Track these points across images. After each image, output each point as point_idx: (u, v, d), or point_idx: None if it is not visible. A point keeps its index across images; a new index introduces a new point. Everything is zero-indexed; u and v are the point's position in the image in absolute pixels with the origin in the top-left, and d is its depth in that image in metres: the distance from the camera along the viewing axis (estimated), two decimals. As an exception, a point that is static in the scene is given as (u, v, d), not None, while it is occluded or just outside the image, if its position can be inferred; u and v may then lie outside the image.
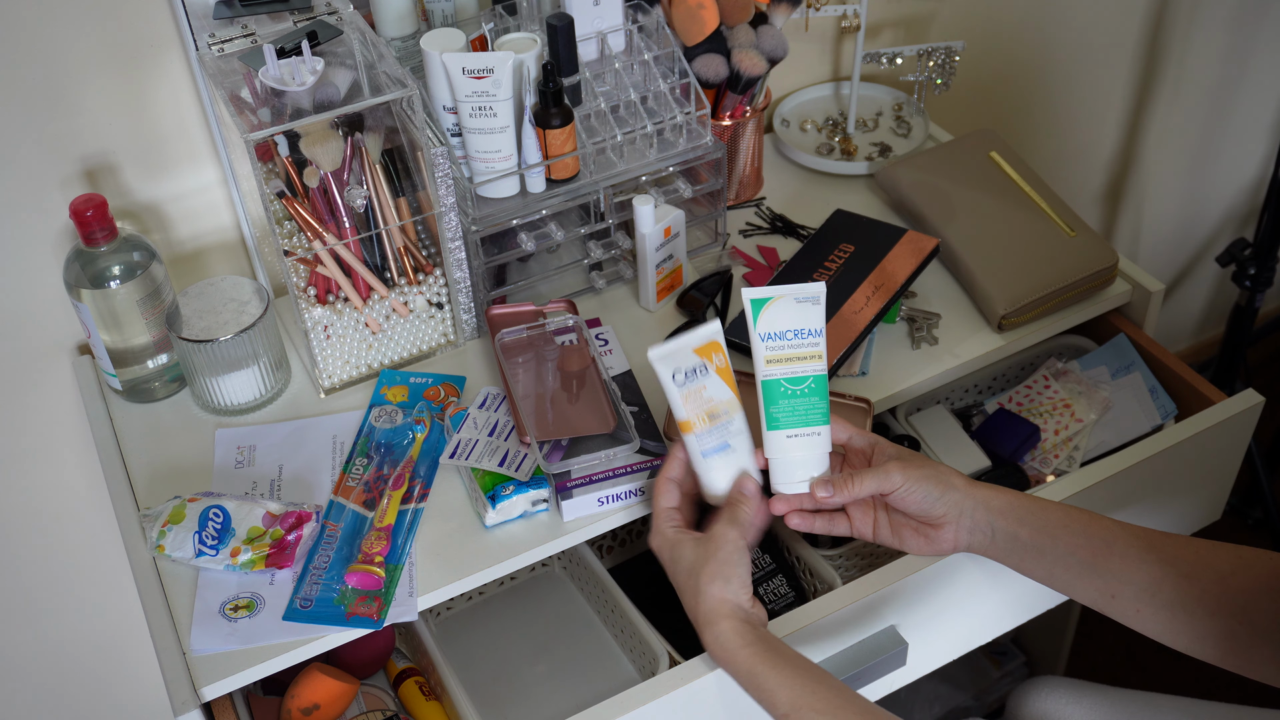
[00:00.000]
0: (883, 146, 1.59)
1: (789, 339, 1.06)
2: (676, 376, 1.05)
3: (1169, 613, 1.00)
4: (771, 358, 1.06)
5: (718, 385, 1.06)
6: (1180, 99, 2.04)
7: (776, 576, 1.33)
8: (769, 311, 1.06)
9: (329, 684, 1.19)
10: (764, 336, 1.06)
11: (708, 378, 1.05)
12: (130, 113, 1.26)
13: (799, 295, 1.06)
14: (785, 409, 1.06)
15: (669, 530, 1.06)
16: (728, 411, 1.06)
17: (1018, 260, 1.35)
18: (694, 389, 1.05)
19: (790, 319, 1.06)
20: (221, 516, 1.10)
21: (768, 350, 1.06)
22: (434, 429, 1.22)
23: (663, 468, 1.10)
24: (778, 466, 1.08)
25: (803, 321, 1.06)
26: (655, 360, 1.05)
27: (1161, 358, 1.38)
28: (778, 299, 1.06)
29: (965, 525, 1.06)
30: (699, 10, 1.35)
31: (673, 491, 1.08)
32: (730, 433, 1.06)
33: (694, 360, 1.05)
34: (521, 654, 1.36)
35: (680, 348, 1.05)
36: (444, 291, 1.29)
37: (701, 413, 1.05)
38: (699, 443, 1.06)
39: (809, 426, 1.06)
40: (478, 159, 1.25)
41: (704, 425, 1.06)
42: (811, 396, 1.06)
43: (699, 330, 1.06)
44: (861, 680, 1.17)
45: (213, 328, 1.21)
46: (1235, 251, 1.98)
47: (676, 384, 1.05)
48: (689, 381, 1.05)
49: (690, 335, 1.06)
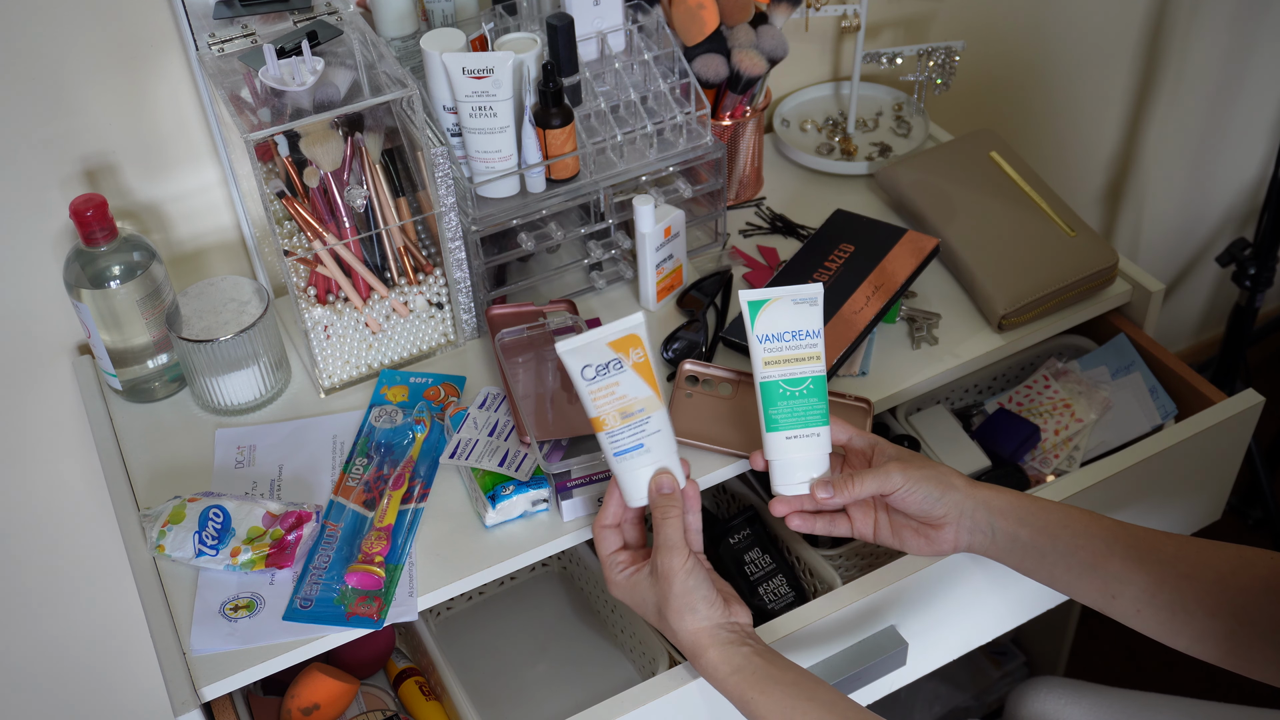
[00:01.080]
0: (883, 146, 1.59)
1: (787, 340, 1.05)
2: (586, 371, 1.01)
3: (1168, 613, 1.00)
4: (770, 359, 1.05)
5: (633, 381, 1.02)
6: (1180, 99, 2.04)
7: (776, 576, 1.33)
8: (766, 313, 1.05)
9: (329, 684, 1.19)
10: (762, 338, 1.05)
11: (622, 373, 1.01)
12: (130, 113, 1.26)
13: (796, 296, 1.06)
14: (784, 410, 1.05)
15: (619, 578, 1.04)
16: (644, 410, 1.02)
17: (1018, 260, 1.35)
18: (605, 385, 1.01)
19: (788, 320, 1.05)
20: (221, 516, 1.10)
21: (766, 352, 1.05)
22: (434, 429, 1.22)
23: (598, 515, 1.06)
24: (777, 468, 1.07)
25: (801, 323, 1.06)
26: (563, 354, 1.01)
27: (1161, 358, 1.38)
28: (775, 300, 1.06)
29: (966, 526, 1.05)
30: (699, 10, 1.35)
31: (611, 536, 1.06)
32: (645, 432, 1.02)
33: (607, 355, 1.01)
34: (521, 654, 1.36)
35: (592, 341, 1.01)
36: (444, 291, 1.29)
37: (613, 410, 1.01)
38: (610, 440, 1.02)
39: (808, 427, 1.05)
40: (478, 159, 1.25)
41: (615, 423, 1.02)
42: (810, 397, 1.05)
43: (616, 323, 1.02)
44: (861, 680, 1.17)
45: (213, 328, 1.21)
46: (1235, 251, 1.98)
47: (586, 379, 1.01)
48: (600, 377, 1.01)
49: (606, 328, 1.02)
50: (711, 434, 1.18)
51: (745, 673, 0.97)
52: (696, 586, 0.99)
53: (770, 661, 0.98)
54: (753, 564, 1.34)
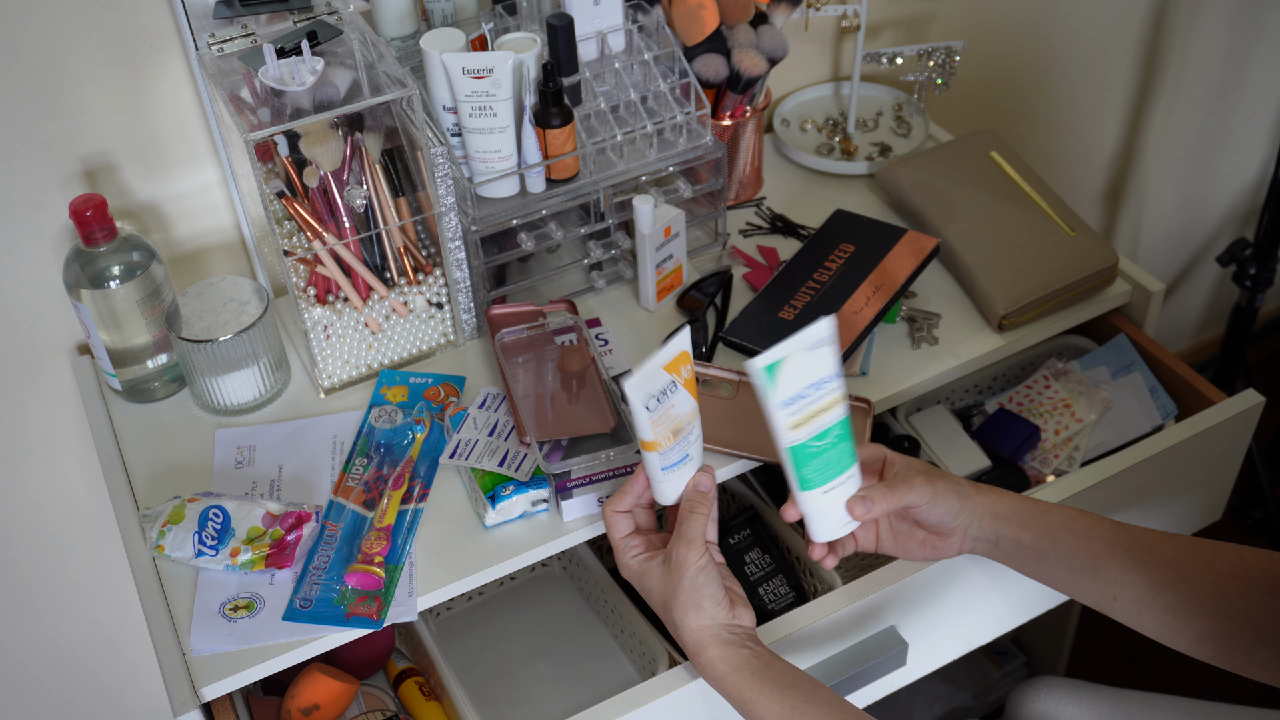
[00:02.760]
0: (883, 146, 1.59)
1: (809, 395, 0.94)
2: (650, 404, 0.96)
3: (1169, 615, 1.00)
4: (796, 422, 0.95)
5: (684, 399, 0.99)
6: (1180, 99, 2.04)
7: (776, 576, 1.33)
8: (784, 373, 0.93)
9: (329, 684, 1.19)
10: (786, 402, 0.94)
11: (676, 394, 0.97)
12: (130, 113, 1.26)
13: (809, 343, 0.93)
14: (817, 468, 0.97)
15: (632, 562, 1.04)
16: (690, 424, 1.01)
17: (1018, 260, 1.35)
18: (664, 410, 0.97)
19: (806, 373, 0.94)
20: (221, 516, 1.10)
21: (790, 415, 0.94)
22: (434, 429, 1.22)
23: (610, 500, 1.05)
24: (816, 521, 1.01)
25: (819, 371, 0.94)
26: (631, 390, 0.94)
27: (1161, 358, 1.38)
28: (790, 358, 0.92)
29: (971, 533, 1.06)
30: (699, 10, 1.35)
31: (624, 521, 1.05)
32: (689, 442, 1.01)
33: (664, 380, 0.96)
34: (521, 654, 1.36)
35: (651, 370, 0.95)
36: (444, 291, 1.29)
37: (667, 431, 0.98)
38: (662, 460, 1.00)
39: (842, 474, 0.99)
40: (478, 159, 1.25)
41: (669, 443, 0.99)
42: (840, 444, 0.97)
43: (667, 346, 0.97)
44: (862, 680, 1.17)
45: (213, 328, 1.21)
46: (1235, 251, 1.98)
47: (649, 410, 0.96)
48: (659, 404, 0.96)
49: (659, 354, 0.96)
50: (712, 434, 1.18)
51: (744, 672, 0.97)
52: (705, 584, 0.99)
53: (769, 663, 0.98)
54: (753, 564, 1.34)
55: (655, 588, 1.02)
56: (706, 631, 0.99)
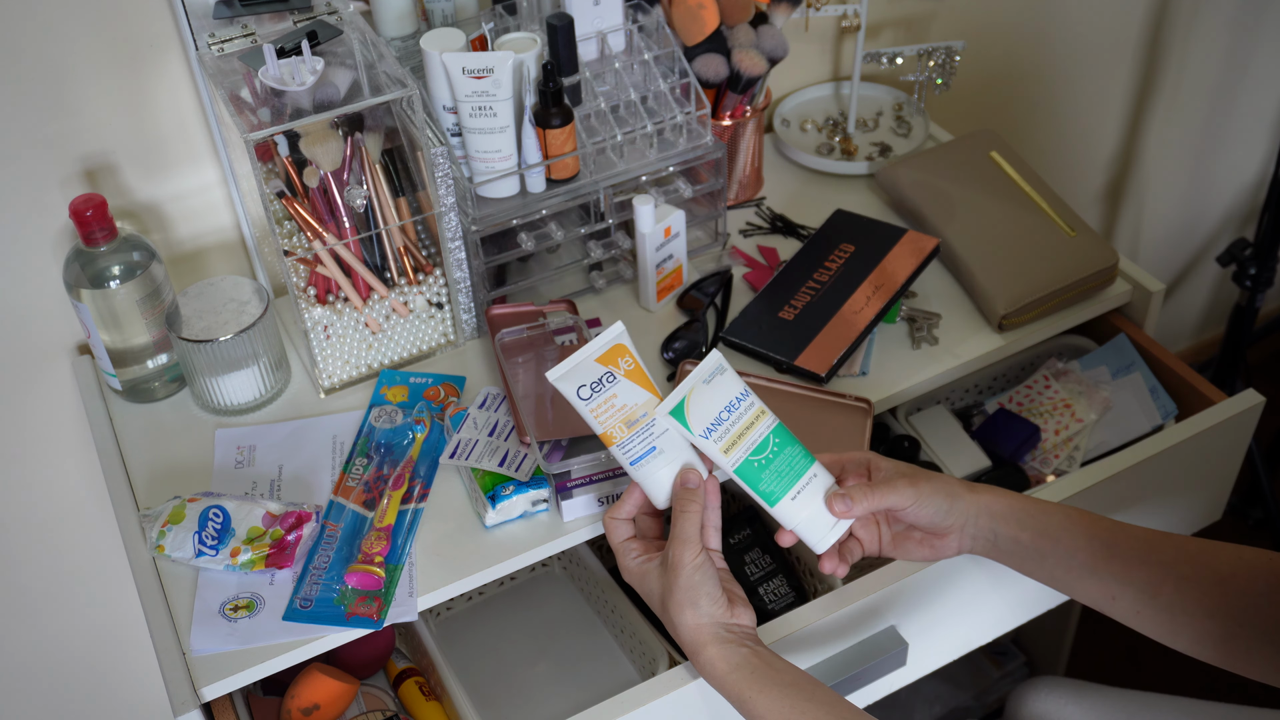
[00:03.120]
0: (883, 146, 1.59)
1: (724, 419, 1.00)
2: (582, 391, 1.00)
3: (1169, 614, 1.00)
4: (725, 446, 1.00)
5: (629, 389, 1.01)
6: (1180, 99, 2.04)
7: (776, 576, 1.33)
8: (692, 408, 1.00)
9: (329, 684, 1.19)
10: (705, 433, 1.00)
11: (616, 384, 1.01)
12: (130, 113, 1.26)
13: (704, 376, 1.01)
14: (771, 479, 1.01)
15: (632, 564, 1.04)
16: (646, 413, 1.01)
17: (1018, 260, 1.35)
18: (603, 400, 1.00)
19: (715, 399, 1.00)
20: (221, 516, 1.10)
21: (718, 443, 1.00)
22: (434, 429, 1.22)
23: (611, 508, 1.06)
24: (804, 531, 1.03)
25: (725, 396, 1.01)
26: (555, 381, 1.00)
27: (1162, 358, 1.38)
28: (690, 392, 1.00)
29: (969, 532, 1.05)
30: (699, 10, 1.35)
31: (622, 527, 1.06)
32: (654, 434, 1.01)
33: (598, 370, 1.00)
34: (521, 654, 1.36)
35: (580, 361, 1.00)
36: (444, 291, 1.29)
37: (617, 422, 1.00)
38: (623, 452, 1.01)
39: (800, 477, 1.02)
40: (478, 159, 1.25)
41: (623, 433, 1.01)
42: (783, 449, 1.01)
43: (599, 338, 1.01)
44: (861, 680, 1.17)
45: (213, 328, 1.21)
46: (1235, 251, 1.98)
47: (583, 399, 1.00)
48: (596, 394, 1.00)
49: (589, 346, 1.01)
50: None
51: (743, 671, 0.97)
52: (702, 582, 0.99)
53: (768, 662, 0.98)
54: (753, 564, 1.34)
55: (654, 588, 1.02)
56: (703, 630, 0.99)
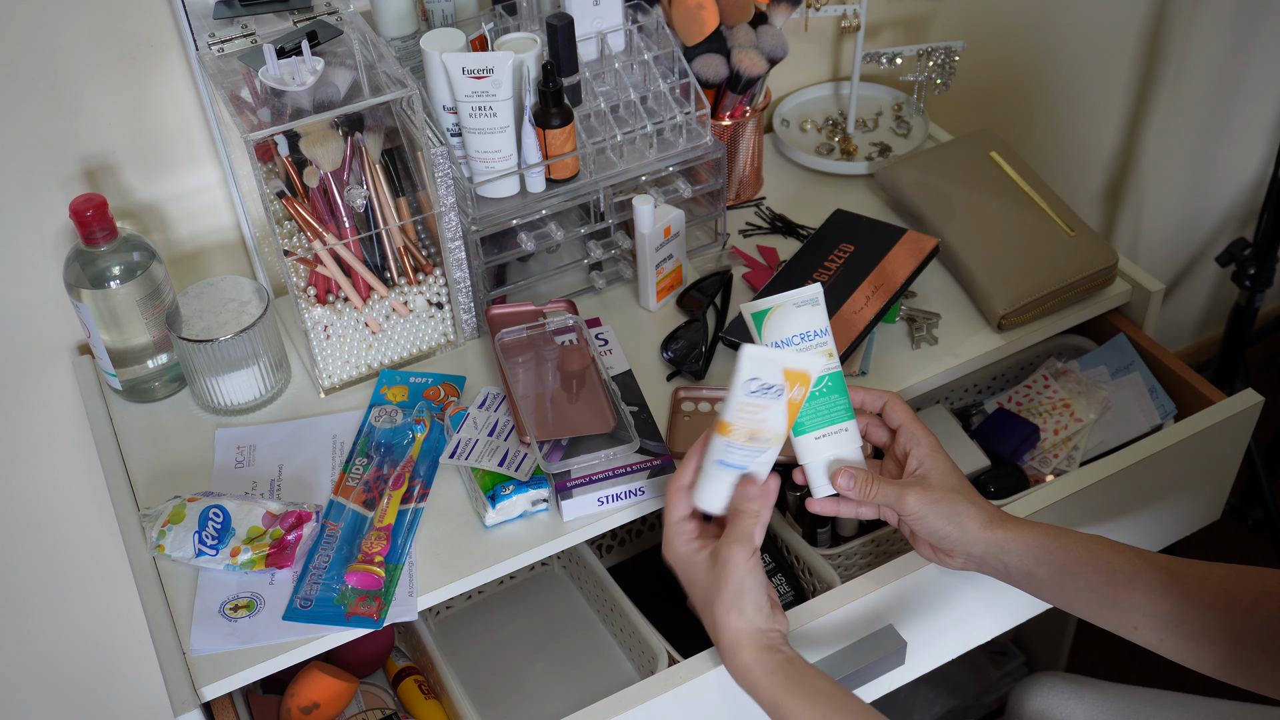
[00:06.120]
0: (883, 146, 1.59)
1: (796, 344, 1.04)
2: (752, 384, 0.99)
3: (1193, 642, 0.99)
4: None
5: (778, 414, 1.00)
6: (1180, 99, 2.05)
7: (776, 576, 1.33)
8: (772, 321, 1.04)
9: (328, 683, 1.19)
10: (772, 346, 1.04)
11: (778, 401, 1.00)
12: (130, 113, 1.26)
13: (797, 300, 1.05)
14: (807, 412, 1.04)
15: (681, 547, 1.03)
16: (770, 442, 1.01)
17: (1018, 260, 1.35)
18: (758, 403, 0.99)
19: (794, 324, 1.04)
20: (221, 516, 1.11)
21: None
22: (434, 429, 1.22)
23: (675, 475, 1.05)
24: (812, 471, 1.06)
25: (807, 324, 1.04)
26: (746, 353, 0.99)
27: (1161, 358, 1.38)
28: (778, 307, 1.04)
29: (975, 561, 1.05)
30: (699, 10, 1.36)
31: (685, 500, 1.04)
32: (756, 460, 1.01)
33: (777, 378, 0.99)
34: (521, 653, 1.36)
35: (774, 359, 0.99)
36: (444, 291, 1.29)
37: (748, 426, 1.00)
38: (724, 449, 1.01)
39: (834, 424, 1.05)
40: (478, 159, 1.25)
41: (741, 438, 1.00)
42: (830, 395, 1.05)
43: (801, 355, 1.02)
44: (861, 679, 1.17)
45: (213, 328, 1.21)
46: (1235, 251, 1.98)
47: (745, 391, 0.99)
48: (757, 394, 0.99)
49: (789, 352, 1.02)
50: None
51: (779, 677, 0.97)
52: (752, 588, 0.99)
53: (802, 670, 0.98)
54: (752, 564, 1.34)
55: (699, 581, 1.02)
56: (744, 634, 0.99)
